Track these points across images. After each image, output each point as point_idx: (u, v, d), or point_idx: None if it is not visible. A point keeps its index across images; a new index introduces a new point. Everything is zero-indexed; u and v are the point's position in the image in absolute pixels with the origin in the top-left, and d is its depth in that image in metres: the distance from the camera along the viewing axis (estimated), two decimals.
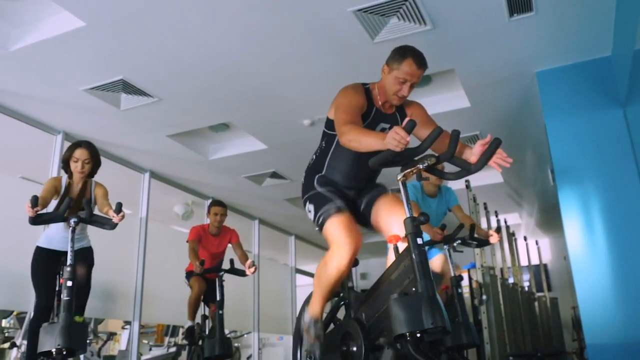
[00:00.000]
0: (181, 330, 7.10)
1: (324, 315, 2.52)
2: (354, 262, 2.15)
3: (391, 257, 2.13)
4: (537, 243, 8.31)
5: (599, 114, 3.91)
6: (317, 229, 2.26)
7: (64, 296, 2.46)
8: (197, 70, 4.05)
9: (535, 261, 8.42)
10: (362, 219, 2.32)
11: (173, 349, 6.61)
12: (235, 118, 4.91)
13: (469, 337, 2.84)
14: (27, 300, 4.32)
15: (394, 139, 1.68)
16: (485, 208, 6.09)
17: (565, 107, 4.03)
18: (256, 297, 7.34)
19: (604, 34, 3.75)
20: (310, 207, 2.28)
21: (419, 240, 1.77)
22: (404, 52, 2.20)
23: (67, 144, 4.92)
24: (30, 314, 5.42)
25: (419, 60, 2.18)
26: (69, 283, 2.46)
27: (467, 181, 5.14)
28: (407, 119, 1.72)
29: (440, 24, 3.56)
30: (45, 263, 3.14)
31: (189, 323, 4.50)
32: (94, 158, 3.34)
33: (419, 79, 2.21)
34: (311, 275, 9.70)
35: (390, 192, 2.32)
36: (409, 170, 1.85)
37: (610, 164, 3.81)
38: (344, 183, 2.31)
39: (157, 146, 5.34)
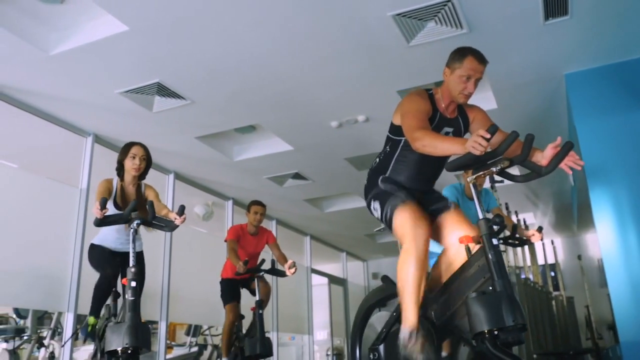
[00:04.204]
0: (200, 330, 7.15)
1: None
2: None
3: (452, 259, 2.18)
4: (552, 243, 8.39)
5: (630, 116, 3.97)
6: (384, 226, 2.29)
7: (129, 296, 2.52)
8: (231, 74, 4.11)
9: (548, 261, 8.48)
10: None
11: (195, 349, 6.65)
12: (264, 120, 4.97)
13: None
14: (59, 301, 4.37)
15: (476, 142, 1.73)
16: (507, 208, 6.15)
17: (596, 108, 4.09)
18: (275, 297, 7.40)
19: (634, 36, 3.82)
20: (375, 205, 2.32)
21: (494, 241, 1.83)
22: (463, 51, 2.29)
23: (98, 146, 5.01)
24: (58, 313, 5.49)
25: (480, 56, 2.26)
26: (133, 283, 2.52)
27: (492, 182, 5.20)
28: (479, 123, 1.77)
29: (476, 27, 3.62)
30: (101, 250, 3.27)
31: None
32: (149, 157, 3.41)
33: (482, 74, 2.27)
34: (326, 275, 9.76)
35: (453, 206, 2.35)
36: (482, 173, 1.91)
37: None
38: (407, 185, 2.36)
39: (184, 148, 5.40)
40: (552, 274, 8.55)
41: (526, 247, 6.79)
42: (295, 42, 3.72)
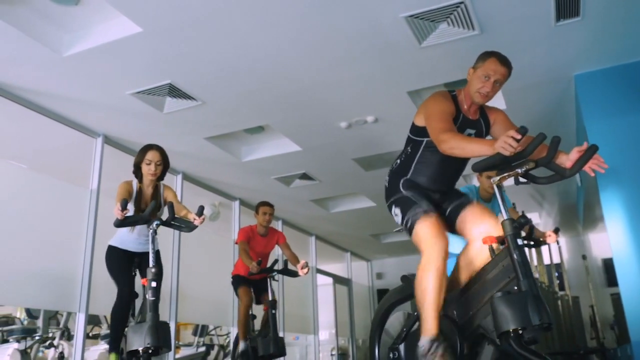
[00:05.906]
0: (207, 330, 7.17)
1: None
2: None
3: (475, 258, 2.20)
4: (557, 242, 8.40)
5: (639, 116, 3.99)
6: (404, 231, 2.31)
7: (149, 296, 2.54)
8: (242, 75, 4.13)
9: (551, 261, 8.48)
10: (446, 223, 2.38)
11: (202, 349, 6.67)
12: (274, 121, 4.98)
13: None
14: (71, 301, 4.38)
15: (506, 142, 1.76)
16: (514, 208, 6.15)
17: (606, 109, 4.11)
18: (281, 297, 7.41)
19: None
20: (396, 210, 2.34)
21: (519, 241, 1.85)
22: (488, 53, 2.36)
23: (108, 147, 5.03)
24: (67, 314, 5.50)
25: (503, 58, 2.31)
26: (154, 284, 2.54)
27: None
28: (505, 125, 1.79)
29: (488, 29, 3.64)
30: (120, 256, 3.28)
31: (241, 345, 4.29)
32: (165, 160, 3.42)
33: (503, 77, 2.30)
34: (331, 275, 9.78)
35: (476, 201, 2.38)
36: (506, 174, 1.93)
37: None
38: (429, 186, 2.38)
39: (193, 148, 5.41)
40: (556, 273, 8.55)
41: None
42: (306, 43, 3.74)
